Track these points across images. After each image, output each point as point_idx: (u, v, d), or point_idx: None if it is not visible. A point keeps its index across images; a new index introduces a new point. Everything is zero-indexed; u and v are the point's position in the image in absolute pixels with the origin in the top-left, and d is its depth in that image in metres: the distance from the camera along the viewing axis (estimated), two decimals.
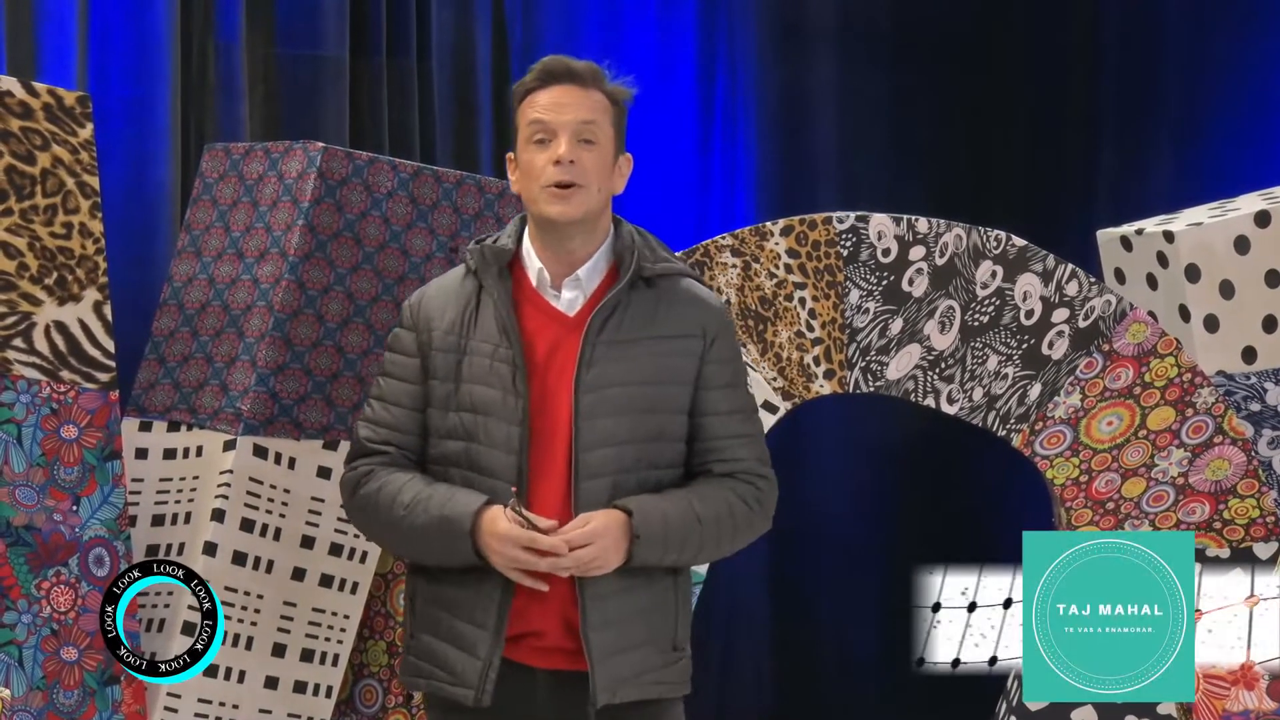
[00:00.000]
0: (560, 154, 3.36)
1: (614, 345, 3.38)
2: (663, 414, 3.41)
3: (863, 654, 6.58)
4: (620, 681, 3.37)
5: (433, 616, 3.43)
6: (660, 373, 3.41)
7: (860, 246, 4.51)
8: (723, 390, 3.46)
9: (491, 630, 3.36)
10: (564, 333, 3.40)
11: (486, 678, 3.35)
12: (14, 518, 3.97)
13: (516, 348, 3.37)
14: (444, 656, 3.40)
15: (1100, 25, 6.69)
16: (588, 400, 3.35)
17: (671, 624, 3.45)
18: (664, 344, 3.41)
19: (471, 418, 3.39)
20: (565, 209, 3.37)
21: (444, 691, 3.40)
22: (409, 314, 3.49)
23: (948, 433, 5.26)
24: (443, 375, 3.42)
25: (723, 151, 6.52)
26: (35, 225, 4.05)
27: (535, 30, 6.06)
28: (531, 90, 3.43)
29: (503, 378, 3.37)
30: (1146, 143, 6.57)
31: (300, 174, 4.39)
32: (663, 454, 3.42)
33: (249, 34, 5.42)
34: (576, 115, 3.38)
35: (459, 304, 3.44)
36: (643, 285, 3.44)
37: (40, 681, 3.97)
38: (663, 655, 3.43)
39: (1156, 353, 4.56)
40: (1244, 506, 4.58)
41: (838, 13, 6.63)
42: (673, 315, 3.43)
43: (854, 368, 4.53)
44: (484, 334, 3.40)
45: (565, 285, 3.42)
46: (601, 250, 3.44)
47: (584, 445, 3.35)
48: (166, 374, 4.44)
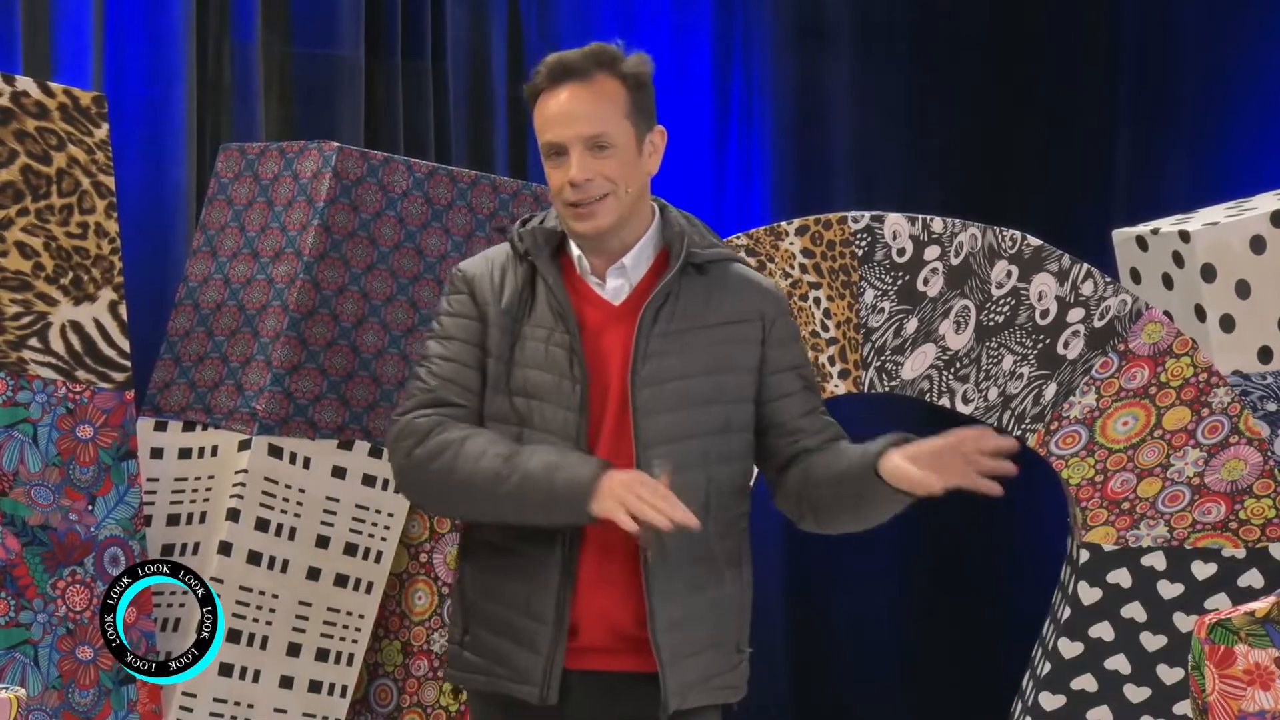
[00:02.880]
0: (573, 176, 3.22)
1: (669, 336, 3.25)
2: (726, 404, 3.28)
3: (878, 651, 6.58)
4: (689, 686, 3.24)
5: (487, 610, 3.28)
6: (719, 361, 3.28)
7: (875, 246, 4.51)
8: (793, 372, 3.35)
9: (552, 623, 3.21)
10: (609, 321, 3.27)
11: (551, 674, 3.21)
12: (30, 517, 3.98)
13: (574, 332, 3.23)
14: (503, 652, 3.26)
15: (1117, 25, 6.68)
16: (644, 395, 3.23)
17: (736, 624, 3.34)
18: (720, 331, 3.29)
19: (525, 402, 3.25)
20: (591, 224, 3.25)
21: (505, 689, 3.25)
22: (461, 281, 3.33)
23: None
24: (496, 354, 3.28)
25: (738, 150, 6.52)
26: (51, 225, 4.06)
27: (550, 30, 6.06)
28: (540, 92, 3.31)
29: (557, 362, 3.23)
30: (1162, 143, 6.56)
31: (315, 174, 4.40)
32: (730, 446, 3.29)
33: (265, 34, 5.43)
34: (583, 129, 3.23)
35: (512, 285, 3.30)
36: (693, 272, 3.30)
37: (56, 681, 3.98)
38: (727, 658, 3.32)
39: (1172, 352, 4.55)
40: (1260, 506, 4.57)
41: (854, 11, 6.63)
42: (727, 302, 3.30)
43: (869, 367, 4.53)
44: (538, 317, 3.26)
45: (610, 274, 3.29)
46: (647, 236, 3.31)
47: (644, 443, 3.21)
48: (182, 374, 4.45)
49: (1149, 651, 4.59)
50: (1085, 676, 4.60)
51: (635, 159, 3.28)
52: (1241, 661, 3.65)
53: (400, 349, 4.46)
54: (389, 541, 4.42)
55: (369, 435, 4.41)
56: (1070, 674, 4.60)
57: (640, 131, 3.29)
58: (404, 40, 5.69)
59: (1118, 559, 4.60)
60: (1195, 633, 3.70)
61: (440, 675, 4.51)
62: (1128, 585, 4.60)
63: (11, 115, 4.02)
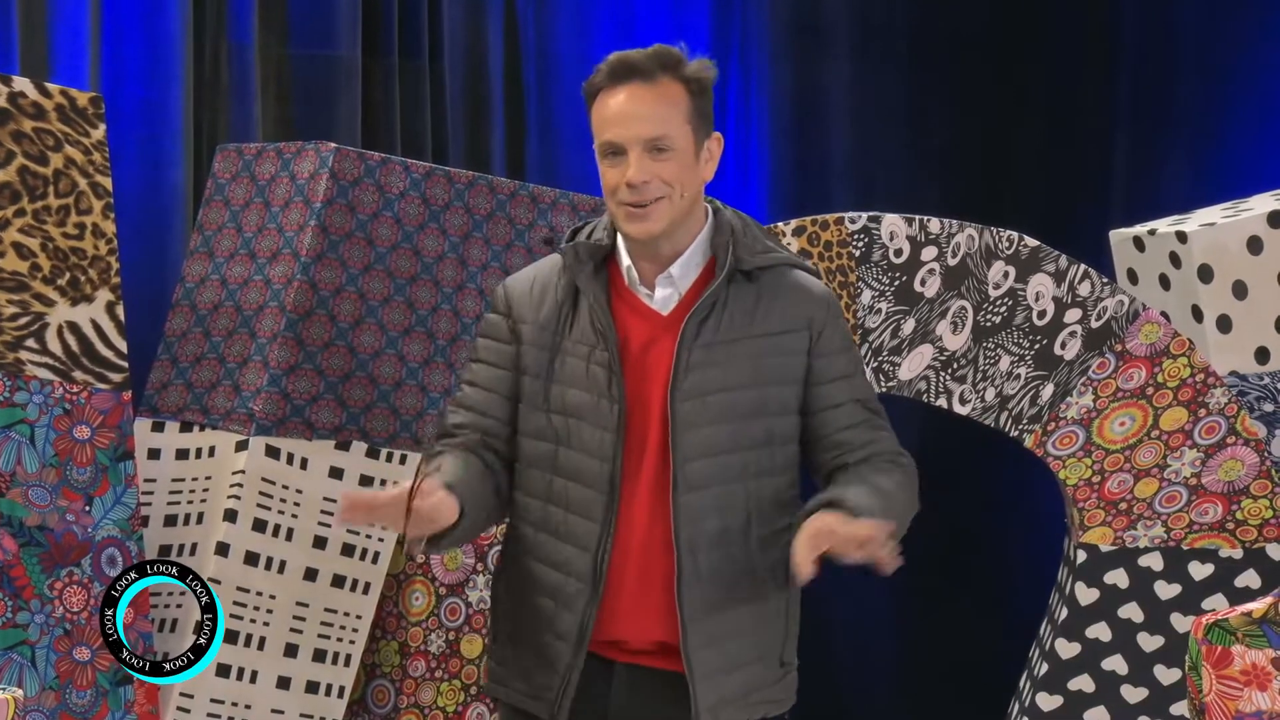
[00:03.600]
0: (631, 177, 3.15)
1: (712, 348, 3.18)
2: (770, 417, 3.21)
3: (876, 651, 6.58)
4: (725, 703, 3.20)
5: (513, 624, 3.29)
6: (764, 373, 3.21)
7: (872, 247, 4.51)
8: (839, 382, 3.26)
9: (573, 642, 3.19)
10: (658, 332, 3.21)
11: (564, 694, 3.20)
12: (27, 518, 3.98)
13: (613, 351, 3.18)
14: (524, 667, 3.26)
15: (1117, 26, 6.68)
16: (685, 409, 3.16)
17: (780, 639, 3.28)
18: (767, 342, 3.21)
19: (563, 420, 3.21)
20: (644, 226, 3.18)
21: (520, 703, 3.27)
22: (502, 299, 3.31)
23: (961, 433, 5.25)
24: (534, 372, 3.25)
25: (736, 152, 6.51)
26: (48, 226, 4.06)
27: (547, 31, 6.06)
28: (599, 90, 3.20)
29: (598, 381, 3.19)
30: (1162, 143, 6.56)
31: (312, 175, 4.40)
32: (774, 459, 3.23)
33: (262, 35, 5.43)
34: (643, 131, 3.16)
35: (554, 300, 3.25)
36: (742, 279, 3.23)
37: (53, 681, 3.98)
38: (771, 673, 3.27)
39: (1169, 353, 4.55)
40: (1257, 507, 4.57)
41: (852, 13, 6.62)
42: (775, 310, 3.23)
43: (866, 368, 4.53)
44: (579, 334, 3.22)
45: (659, 283, 3.23)
46: (696, 243, 3.24)
47: (683, 457, 3.16)
48: (179, 374, 4.45)
49: (1146, 652, 4.59)
50: (1082, 677, 4.60)
51: (693, 163, 3.23)
52: (1238, 662, 3.65)
53: (398, 349, 4.46)
54: (386, 542, 4.42)
55: (366, 436, 4.41)
56: (1067, 674, 4.60)
57: (699, 137, 3.24)
58: (401, 41, 5.69)
59: (1115, 559, 4.60)
60: (1192, 633, 3.70)
61: (437, 676, 4.52)
62: (1125, 586, 4.60)
63: (8, 116, 4.02)
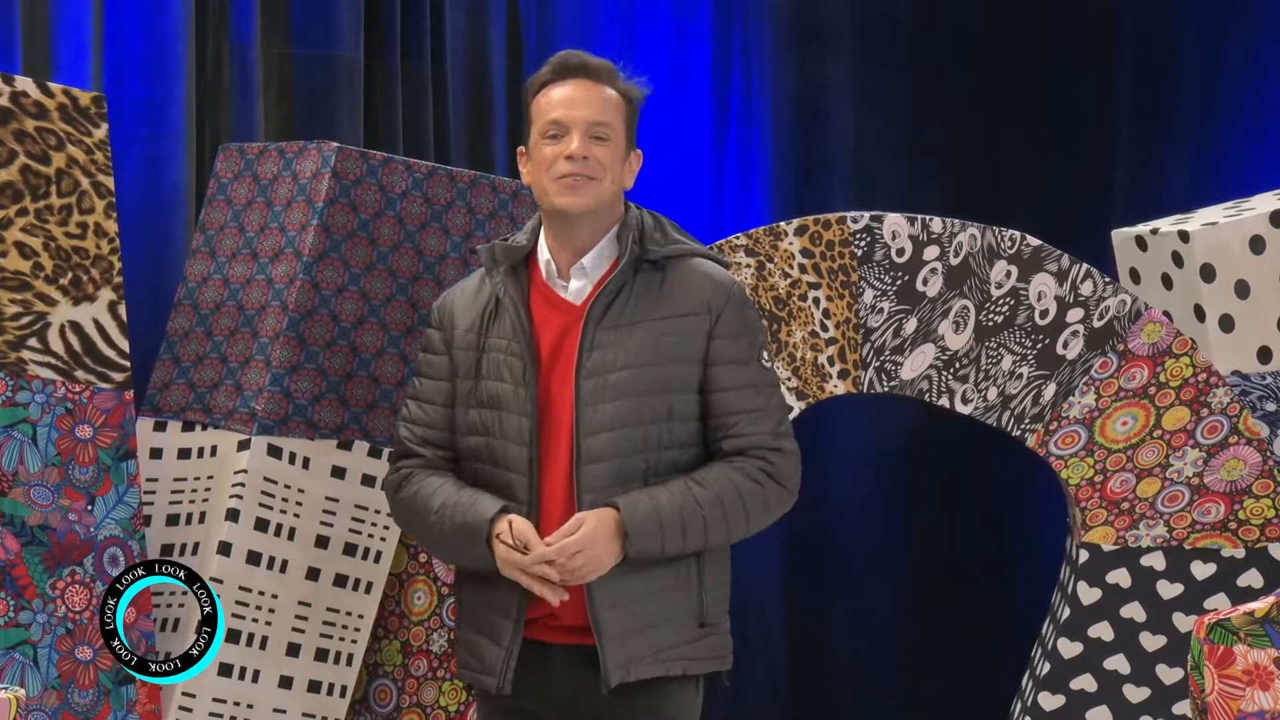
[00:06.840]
0: (573, 150, 3.42)
1: (616, 330, 3.43)
2: (671, 394, 3.44)
3: (878, 655, 6.58)
4: (635, 660, 3.42)
5: (471, 609, 3.54)
6: (665, 352, 3.44)
7: (875, 246, 4.51)
8: (730, 366, 3.48)
9: (513, 619, 3.45)
10: (571, 321, 3.46)
11: (508, 666, 3.44)
12: (29, 517, 3.98)
13: (526, 340, 3.44)
14: (477, 646, 3.51)
15: (1117, 25, 6.68)
16: (588, 386, 3.40)
17: (695, 601, 3.47)
18: (668, 324, 3.45)
19: (489, 413, 3.48)
20: (576, 199, 3.43)
21: (476, 680, 3.51)
22: (436, 314, 3.59)
23: (962, 433, 5.25)
24: (464, 373, 3.51)
25: (737, 151, 6.51)
26: (50, 225, 4.06)
27: (549, 32, 6.06)
28: (546, 84, 3.49)
29: (514, 371, 3.45)
30: (1162, 142, 6.56)
31: (315, 174, 4.40)
32: (675, 434, 3.45)
33: (264, 35, 5.43)
34: (589, 114, 3.44)
35: (479, 304, 3.53)
36: (649, 268, 3.47)
37: (55, 681, 3.98)
38: (685, 632, 3.46)
39: (1171, 353, 4.55)
40: (1259, 507, 4.57)
41: (854, 12, 6.62)
42: (676, 294, 3.47)
43: (868, 368, 4.53)
44: (500, 331, 3.49)
45: (573, 274, 3.48)
46: (607, 237, 3.49)
47: (585, 430, 3.39)
48: (181, 374, 4.45)
49: (1148, 651, 4.59)
50: (1085, 676, 4.59)
51: (622, 161, 3.48)
52: (1241, 661, 3.65)
53: (399, 349, 4.46)
54: (388, 541, 4.42)
55: (368, 435, 4.41)
56: (1069, 674, 4.60)
57: (628, 145, 3.50)
58: (403, 41, 5.69)
59: (1117, 559, 4.60)
60: (1194, 633, 3.70)
61: (439, 675, 4.52)
62: (1127, 585, 4.60)
63: (11, 115, 4.02)
